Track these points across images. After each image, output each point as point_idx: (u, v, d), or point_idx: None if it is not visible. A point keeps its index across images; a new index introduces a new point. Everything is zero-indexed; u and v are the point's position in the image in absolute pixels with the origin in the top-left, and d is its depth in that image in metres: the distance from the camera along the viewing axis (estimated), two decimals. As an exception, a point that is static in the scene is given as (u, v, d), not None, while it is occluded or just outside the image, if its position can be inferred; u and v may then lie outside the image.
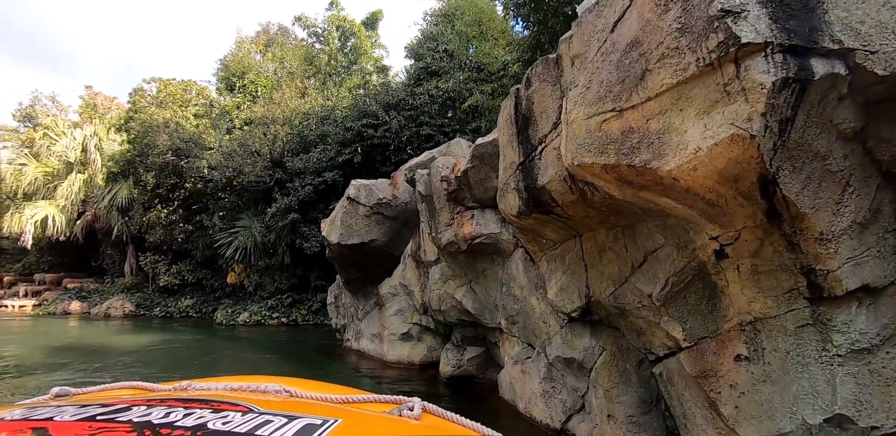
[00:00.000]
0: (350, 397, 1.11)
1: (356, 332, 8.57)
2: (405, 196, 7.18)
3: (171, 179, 16.76)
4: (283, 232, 13.87)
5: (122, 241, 20.27)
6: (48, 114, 26.23)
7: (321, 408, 0.97)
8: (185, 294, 18.10)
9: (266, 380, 1.20)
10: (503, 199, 3.67)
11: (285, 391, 1.10)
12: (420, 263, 6.56)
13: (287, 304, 14.25)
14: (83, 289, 20.64)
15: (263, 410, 0.84)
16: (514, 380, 4.65)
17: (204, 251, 17.04)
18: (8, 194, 22.18)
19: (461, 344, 6.32)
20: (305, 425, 0.75)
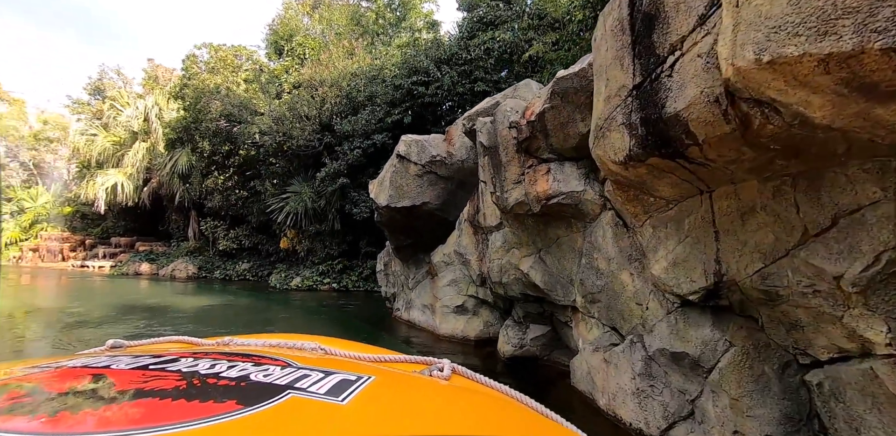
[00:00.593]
0: (382, 357, 1.16)
1: (406, 302, 8.06)
2: (461, 153, 6.32)
3: (226, 145, 16.81)
4: (333, 197, 13.53)
5: (183, 206, 21.05)
6: (114, 86, 27.27)
7: (354, 365, 0.99)
8: (243, 258, 18.61)
9: (302, 338, 1.27)
10: (602, 141, 2.73)
11: (320, 349, 1.16)
12: (478, 229, 5.78)
13: (338, 270, 14.13)
14: (152, 252, 21.88)
15: (301, 365, 0.88)
16: (595, 370, 3.85)
17: (258, 217, 17.24)
18: (83, 163, 23.55)
19: (523, 321, 5.57)
20: (341, 380, 0.79)
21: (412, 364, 1.16)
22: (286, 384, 0.74)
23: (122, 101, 23.29)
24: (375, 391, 0.79)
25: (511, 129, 3.98)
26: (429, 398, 0.90)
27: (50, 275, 19.54)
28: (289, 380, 0.77)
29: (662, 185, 2.69)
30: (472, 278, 6.33)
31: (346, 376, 0.82)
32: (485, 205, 5.34)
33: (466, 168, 6.25)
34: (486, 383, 1.04)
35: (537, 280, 4.62)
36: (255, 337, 1.30)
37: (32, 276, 19.04)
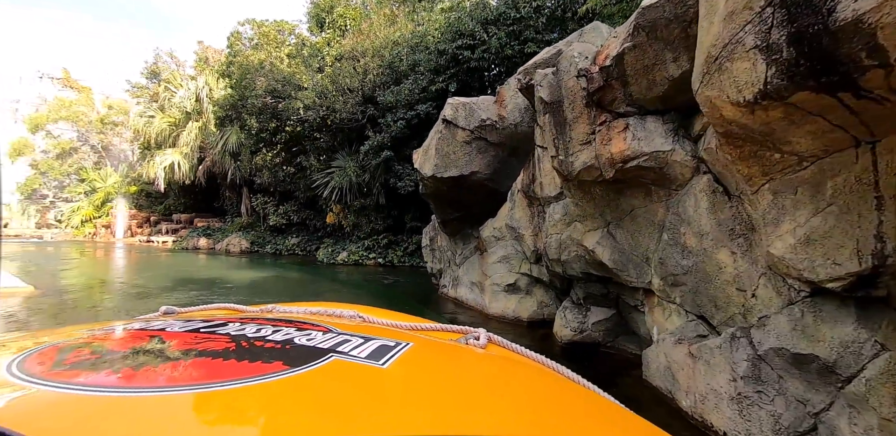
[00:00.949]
0: (418, 325, 1.20)
1: (453, 278, 7.68)
2: (514, 116, 5.65)
3: (272, 122, 16.83)
4: (377, 171, 13.24)
5: (235, 183, 21.67)
6: (168, 70, 28.11)
7: (392, 333, 1.01)
8: (292, 233, 18.99)
9: (341, 306, 1.33)
10: (716, 77, 2.04)
11: (359, 317, 1.21)
12: (533, 201, 5.19)
13: (383, 245, 14.00)
14: (209, 227, 22.85)
15: (341, 331, 0.92)
16: (677, 366, 3.26)
17: (305, 192, 17.40)
18: (143, 145, 24.69)
19: (583, 303, 5.01)
20: (380, 346, 0.82)
21: (448, 333, 1.18)
22: (328, 348, 0.78)
23: (176, 83, 23.94)
24: (414, 357, 0.82)
25: (579, 78, 3.30)
26: (466, 365, 0.92)
27: (120, 249, 20.93)
28: (331, 344, 0.80)
29: (800, 135, 1.99)
30: (526, 255, 5.79)
31: (384, 342, 0.86)
32: (542, 173, 4.72)
33: (520, 133, 5.59)
34: (522, 352, 1.06)
35: (604, 258, 4.01)
36: (297, 305, 1.36)
37: (105, 250, 20.45)
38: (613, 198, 3.76)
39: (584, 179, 3.65)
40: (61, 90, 34.88)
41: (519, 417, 0.66)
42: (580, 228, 4.32)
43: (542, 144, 4.53)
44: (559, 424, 0.67)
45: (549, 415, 0.70)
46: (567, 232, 4.50)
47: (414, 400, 0.67)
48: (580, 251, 4.37)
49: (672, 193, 3.28)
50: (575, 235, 4.38)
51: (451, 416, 0.62)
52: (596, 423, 0.74)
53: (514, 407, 0.70)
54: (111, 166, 30.18)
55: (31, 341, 0.80)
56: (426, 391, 0.71)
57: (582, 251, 4.34)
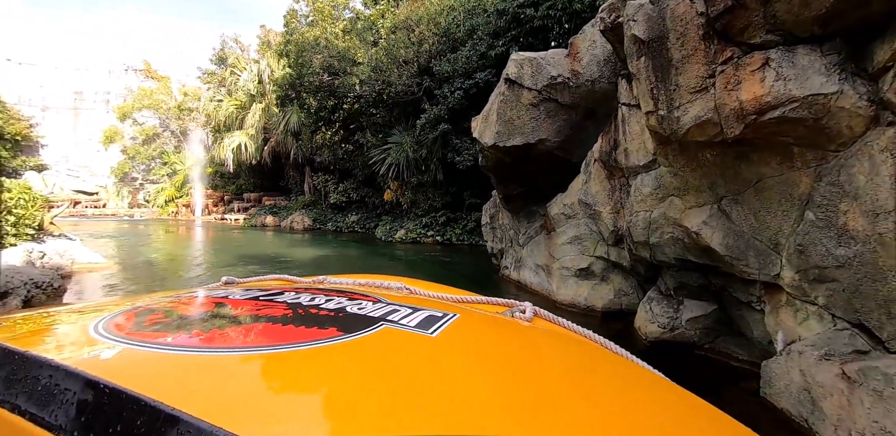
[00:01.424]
0: (464, 297, 1.23)
1: (516, 259, 7.03)
2: (591, 71, 4.74)
3: (330, 100, 16.69)
4: (435, 146, 12.66)
5: (297, 163, 22.13)
6: (234, 55, 28.92)
7: (438, 304, 1.04)
8: (352, 211, 19.14)
9: (388, 278, 1.38)
10: None
11: (406, 289, 1.25)
12: (615, 172, 4.36)
13: (441, 222, 13.56)
14: (275, 206, 23.69)
15: (390, 301, 0.97)
16: (822, 390, 2.44)
17: (363, 170, 17.30)
18: (215, 128, 25.84)
19: (673, 295, 4.19)
20: (428, 316, 0.86)
21: (494, 306, 1.20)
22: (379, 317, 0.81)
23: (240, 66, 24.59)
24: (461, 327, 0.83)
25: (695, 0, 2.43)
26: (512, 336, 0.93)
27: (197, 227, 22.33)
28: (380, 313, 0.84)
29: None
30: (602, 236, 5.00)
31: (432, 313, 0.88)
32: (628, 137, 3.87)
33: (598, 91, 4.70)
34: (568, 326, 1.05)
35: (713, 242, 3.17)
36: (346, 276, 1.44)
37: (184, 228, 21.88)
38: (731, 165, 2.88)
39: (692, 140, 2.79)
40: (144, 81, 37.43)
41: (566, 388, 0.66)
42: (678, 205, 3.48)
43: (630, 101, 3.67)
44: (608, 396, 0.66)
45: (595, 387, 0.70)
46: (660, 209, 3.67)
47: (463, 368, 0.69)
48: (677, 233, 3.54)
49: (828, 156, 2.37)
50: (671, 213, 3.54)
51: (501, 384, 0.63)
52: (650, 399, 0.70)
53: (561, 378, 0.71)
54: (189, 150, 32.15)
55: (112, 307, 0.88)
56: (475, 360, 0.72)
57: (680, 233, 3.51)
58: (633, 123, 3.74)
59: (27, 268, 6.46)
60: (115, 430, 0.42)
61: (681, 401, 0.71)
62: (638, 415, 0.63)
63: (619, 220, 4.48)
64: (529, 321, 1.05)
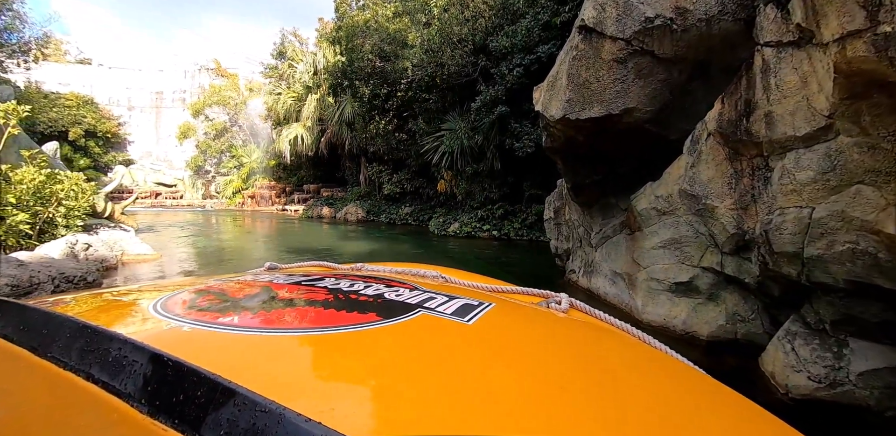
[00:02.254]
0: (499, 287, 1.23)
1: (586, 263, 5.82)
2: (707, 4, 3.34)
3: (384, 88, 16.01)
4: (491, 131, 11.52)
5: (353, 153, 21.84)
6: (293, 48, 29.24)
7: (474, 293, 1.05)
8: (405, 202, 18.50)
9: (424, 267, 1.39)
10: None
11: (441, 277, 1.26)
12: (744, 149, 3.06)
13: (498, 215, 12.43)
14: (332, 197, 23.69)
15: (426, 289, 0.98)
16: None
17: (417, 160, 16.55)
18: (275, 121, 26.26)
19: (830, 332, 2.86)
20: (464, 304, 0.86)
21: (529, 296, 1.20)
22: (416, 303, 0.83)
23: (297, 58, 24.65)
24: (497, 316, 0.84)
25: None
26: (548, 327, 0.93)
27: (261, 217, 22.84)
28: (417, 300, 0.86)
29: None
30: (714, 240, 3.69)
31: (468, 301, 0.89)
32: (774, 94, 2.57)
33: (717, 35, 3.34)
34: (605, 319, 1.05)
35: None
36: (383, 264, 1.45)
37: (251, 218, 22.46)
38: None
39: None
40: (214, 79, 39.28)
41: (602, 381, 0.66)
42: (872, 199, 2.17)
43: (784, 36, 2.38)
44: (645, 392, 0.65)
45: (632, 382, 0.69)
46: (831, 205, 2.37)
47: (499, 356, 0.68)
48: (864, 243, 2.24)
49: None
50: (855, 212, 2.24)
51: (536, 375, 0.63)
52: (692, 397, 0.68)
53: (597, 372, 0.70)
54: (254, 143, 33.29)
55: (167, 288, 0.93)
56: (510, 349, 0.72)
57: (870, 243, 2.20)
58: (788, 71, 2.44)
59: (61, 261, 6.25)
60: (178, 399, 0.44)
61: (727, 402, 0.67)
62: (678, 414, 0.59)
63: (747, 219, 3.17)
64: (565, 313, 1.06)
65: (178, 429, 0.42)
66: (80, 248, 7.28)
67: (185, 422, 0.42)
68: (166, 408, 0.44)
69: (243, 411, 0.40)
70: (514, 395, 0.55)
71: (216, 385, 0.43)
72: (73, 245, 7.13)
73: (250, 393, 0.41)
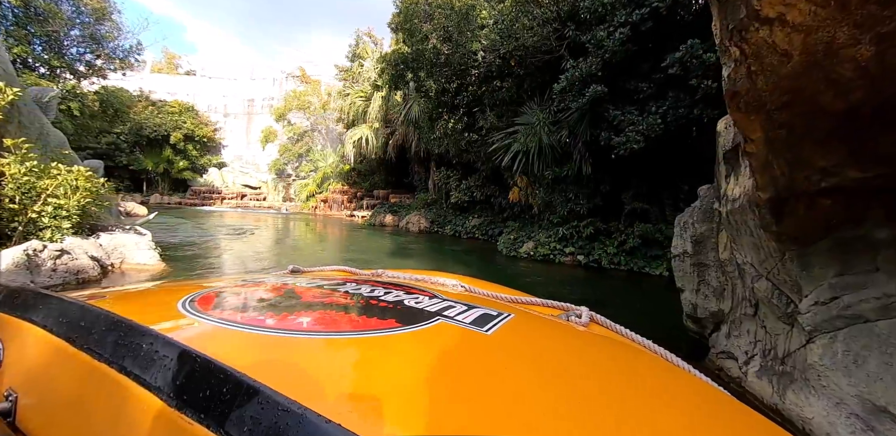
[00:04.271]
0: (519, 299, 1.22)
1: (774, 355, 2.90)
2: None
3: (453, 82, 13.76)
4: (580, 123, 8.65)
5: (420, 157, 19.92)
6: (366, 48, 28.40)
7: (493, 303, 1.05)
8: (474, 213, 16.01)
9: (444, 275, 1.40)
10: None
11: (461, 286, 1.26)
12: None
13: (586, 235, 9.44)
14: (397, 204, 21.95)
15: (445, 297, 0.99)
16: None
17: (487, 163, 14.03)
18: (347, 123, 25.33)
19: None
20: (483, 314, 0.86)
21: (549, 308, 1.20)
22: (435, 311, 0.84)
23: (365, 55, 23.47)
24: (516, 327, 0.83)
25: None
26: (567, 340, 0.92)
27: (325, 222, 21.76)
28: (437, 308, 0.86)
29: None
30: None
31: (487, 311, 0.89)
32: None
33: None
34: (625, 334, 1.04)
35: None
36: (402, 271, 1.47)
37: (313, 223, 21.48)
38: None
39: None
40: (300, 86, 40.27)
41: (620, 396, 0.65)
42: None
43: None
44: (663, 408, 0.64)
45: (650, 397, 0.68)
46: None
47: (517, 368, 0.68)
48: None
49: None
50: None
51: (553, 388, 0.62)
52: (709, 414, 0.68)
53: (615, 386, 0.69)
54: (331, 148, 33.08)
55: (194, 288, 0.96)
56: (528, 361, 0.71)
57: None
58: None
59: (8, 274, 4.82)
60: (205, 395, 0.45)
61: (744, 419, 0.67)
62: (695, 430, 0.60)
63: None
64: (586, 326, 1.05)
65: (203, 423, 0.43)
66: (46, 256, 5.77)
67: (210, 417, 0.43)
68: (193, 403, 0.45)
69: (266, 409, 0.41)
70: (530, 406, 0.55)
71: (241, 383, 0.43)
72: (36, 253, 5.62)
73: (274, 393, 0.42)
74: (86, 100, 19.79)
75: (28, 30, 16.68)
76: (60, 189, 6.70)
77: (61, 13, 17.87)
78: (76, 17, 19.34)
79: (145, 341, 0.54)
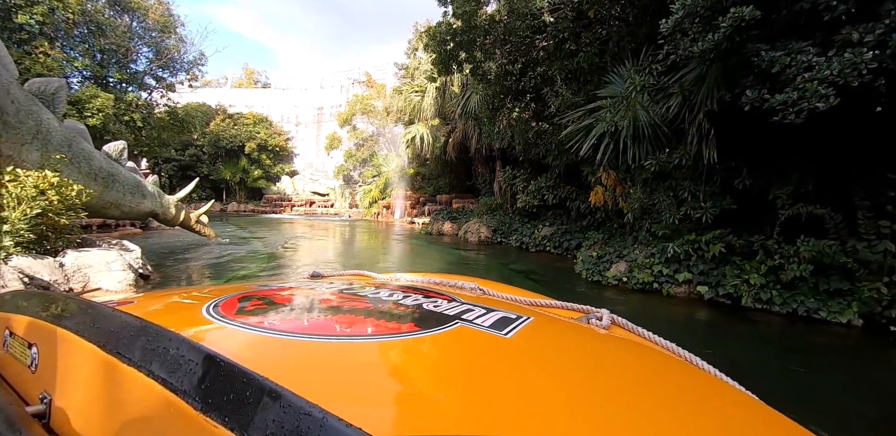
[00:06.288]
0: (537, 301, 1.22)
1: None
2: None
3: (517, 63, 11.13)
4: (702, 82, 5.62)
5: (482, 155, 17.38)
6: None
7: (512, 306, 1.03)
8: (545, 219, 13.09)
9: (462, 278, 1.39)
10: None
11: (479, 289, 1.26)
12: None
13: (710, 257, 6.24)
14: (459, 209, 19.54)
15: (464, 301, 0.98)
16: None
17: (561, 157, 11.15)
18: (405, 122, 23.55)
19: None
20: (502, 317, 0.85)
21: (568, 311, 1.18)
22: (454, 315, 0.83)
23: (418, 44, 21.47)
24: (536, 331, 0.82)
25: None
26: (588, 343, 0.90)
27: (381, 231, 20.01)
28: (455, 312, 0.86)
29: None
30: None
31: (506, 314, 0.87)
32: None
33: None
34: (648, 337, 1.01)
35: None
36: (419, 274, 1.49)
37: (369, 231, 19.79)
38: None
39: None
40: (365, 91, 39.72)
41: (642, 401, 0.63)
42: None
43: None
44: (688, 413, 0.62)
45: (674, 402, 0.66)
46: None
47: (537, 372, 0.67)
48: None
49: None
50: None
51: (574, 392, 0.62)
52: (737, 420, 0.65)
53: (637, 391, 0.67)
54: (394, 151, 31.71)
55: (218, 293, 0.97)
56: (548, 365, 0.71)
57: None
58: None
59: None
60: (229, 398, 0.45)
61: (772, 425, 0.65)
62: None
63: None
64: (606, 329, 1.03)
65: (227, 426, 0.44)
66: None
67: (234, 420, 0.44)
68: (217, 406, 0.45)
69: (288, 413, 0.41)
70: (550, 411, 0.54)
71: (264, 387, 0.44)
72: None
73: (295, 397, 0.42)
74: (151, 112, 19.98)
75: (89, 43, 16.80)
76: (8, 198, 5.24)
77: (122, 27, 17.99)
78: (140, 32, 19.60)
79: (171, 346, 0.55)
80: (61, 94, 7.65)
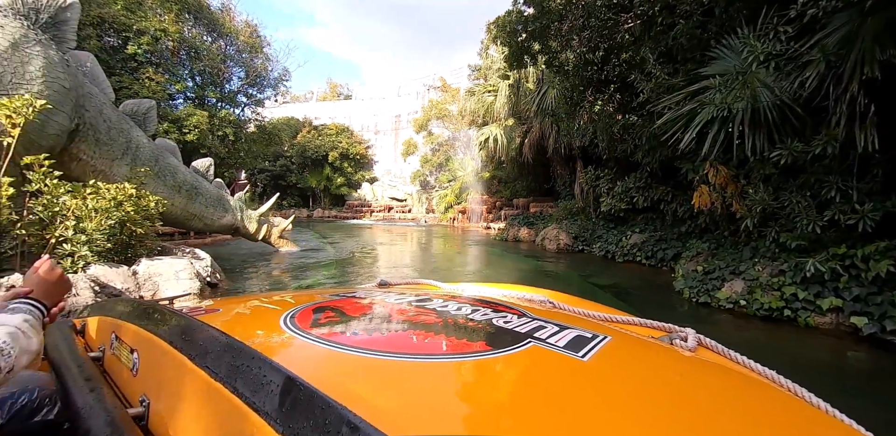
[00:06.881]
0: (614, 317, 1.12)
1: None
2: None
3: (598, 50, 9.94)
4: (855, 41, 4.15)
5: (561, 155, 16.03)
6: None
7: (586, 322, 0.97)
8: (635, 225, 11.54)
9: (531, 290, 1.35)
10: None
11: (549, 303, 1.21)
12: None
13: (871, 277, 4.61)
14: (538, 214, 18.30)
15: (535, 316, 0.93)
16: None
17: (653, 153, 9.66)
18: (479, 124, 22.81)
19: None
20: (578, 336, 0.80)
21: (648, 329, 1.09)
22: (526, 333, 0.79)
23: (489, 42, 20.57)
24: (615, 352, 0.77)
25: None
26: (672, 367, 0.82)
27: (455, 237, 19.44)
28: (527, 329, 0.81)
29: None
30: None
31: (581, 333, 0.82)
32: None
33: None
34: (740, 360, 0.92)
35: None
36: (488, 285, 1.46)
37: (442, 237, 19.32)
38: None
39: None
40: (440, 96, 39.76)
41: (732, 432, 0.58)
42: None
43: None
44: None
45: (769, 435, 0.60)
46: None
47: (616, 399, 0.63)
48: None
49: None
50: None
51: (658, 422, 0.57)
52: None
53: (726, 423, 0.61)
54: (469, 155, 31.13)
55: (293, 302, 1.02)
56: (629, 391, 0.66)
57: None
58: None
59: None
60: (308, 424, 0.45)
61: None
62: None
63: None
64: (693, 351, 0.94)
65: None
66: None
67: None
68: (299, 432, 0.45)
69: None
70: None
71: (342, 417, 0.44)
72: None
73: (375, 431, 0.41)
74: (242, 126, 21.42)
75: (188, 67, 18.31)
76: (84, 210, 5.39)
77: (216, 50, 19.44)
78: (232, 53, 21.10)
79: (254, 365, 0.55)
80: (151, 113, 8.02)
